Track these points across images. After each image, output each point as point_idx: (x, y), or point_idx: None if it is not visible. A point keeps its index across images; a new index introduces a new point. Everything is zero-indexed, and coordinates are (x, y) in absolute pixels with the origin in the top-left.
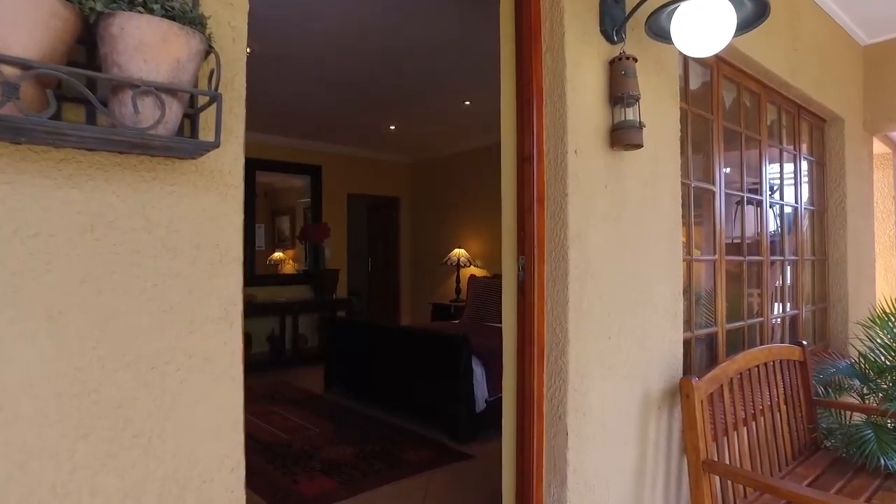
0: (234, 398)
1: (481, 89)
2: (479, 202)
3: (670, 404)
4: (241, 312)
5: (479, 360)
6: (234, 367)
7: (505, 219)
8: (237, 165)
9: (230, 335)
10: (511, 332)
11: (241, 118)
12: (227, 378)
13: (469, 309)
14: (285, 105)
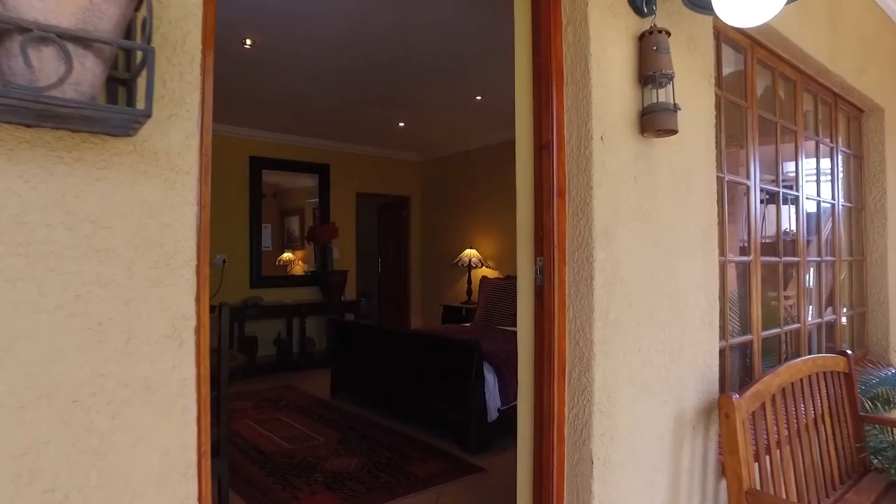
0: (184, 437)
1: (493, 83)
2: (492, 201)
3: (706, 424)
4: (198, 328)
5: (491, 366)
6: (185, 397)
7: (520, 215)
8: (190, 146)
9: (180, 357)
10: (527, 344)
11: (194, 86)
12: (175, 411)
13: (481, 311)
14: (290, 101)
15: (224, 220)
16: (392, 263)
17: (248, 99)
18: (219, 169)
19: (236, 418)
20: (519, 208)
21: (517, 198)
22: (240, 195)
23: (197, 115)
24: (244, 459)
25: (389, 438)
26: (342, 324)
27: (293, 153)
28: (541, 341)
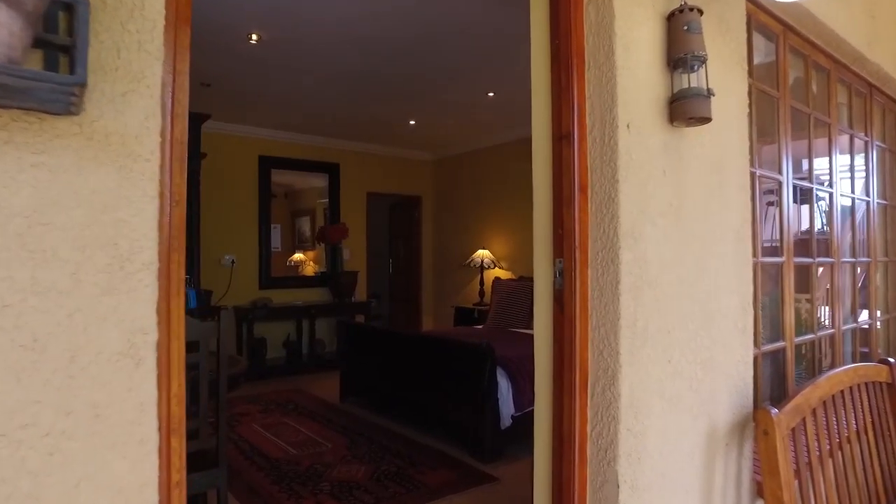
0: (142, 472)
1: (506, 79)
2: (505, 201)
3: (739, 440)
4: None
5: (504, 371)
6: (145, 426)
7: (537, 213)
8: (150, 129)
9: (137, 377)
10: (545, 354)
11: (156, 59)
12: (130, 442)
13: (493, 313)
14: (299, 99)
15: (233, 220)
16: (403, 264)
17: (257, 97)
18: (227, 168)
19: (243, 422)
20: (536, 205)
21: (534, 194)
22: (249, 195)
23: (159, 92)
24: (249, 466)
25: (399, 445)
26: (352, 326)
27: (303, 152)
28: (560, 351)
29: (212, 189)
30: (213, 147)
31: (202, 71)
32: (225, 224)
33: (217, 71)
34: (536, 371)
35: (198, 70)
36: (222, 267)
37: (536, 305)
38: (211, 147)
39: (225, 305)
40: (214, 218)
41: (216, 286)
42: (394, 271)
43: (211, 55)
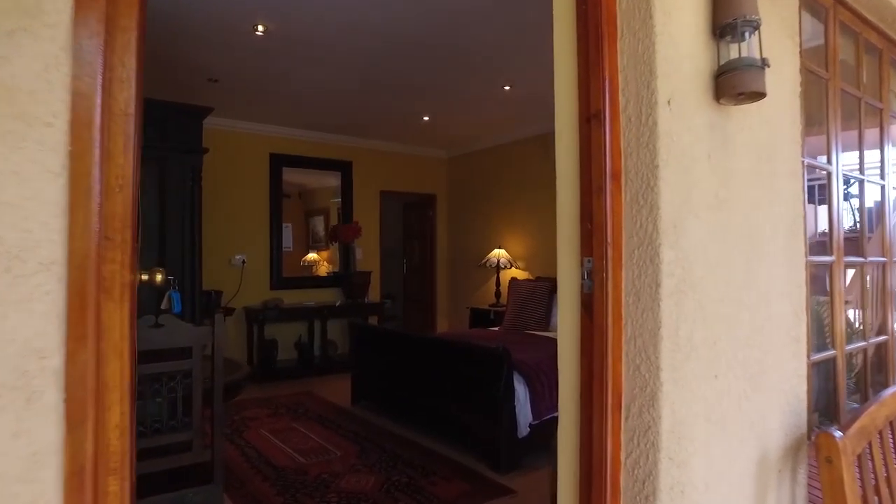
0: None
1: (522, 72)
2: (521, 199)
3: (793, 465)
4: (73, 368)
5: (521, 376)
6: (40, 483)
7: (562, 205)
8: (53, 83)
9: (27, 418)
10: (571, 367)
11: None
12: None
13: (510, 315)
14: (309, 94)
15: (244, 219)
16: (417, 264)
17: (266, 92)
18: (238, 166)
19: (251, 427)
20: (560, 196)
21: (557, 183)
22: (260, 194)
23: (67, 36)
24: (254, 475)
25: (411, 453)
26: (363, 327)
27: (315, 150)
28: (589, 365)
29: (222, 187)
30: (223, 145)
31: (208, 66)
32: (235, 223)
33: (224, 66)
34: (560, 388)
35: (204, 65)
36: (232, 267)
37: (561, 311)
38: (221, 145)
39: (232, 307)
40: (225, 217)
41: (226, 287)
42: (408, 271)
43: (216, 49)
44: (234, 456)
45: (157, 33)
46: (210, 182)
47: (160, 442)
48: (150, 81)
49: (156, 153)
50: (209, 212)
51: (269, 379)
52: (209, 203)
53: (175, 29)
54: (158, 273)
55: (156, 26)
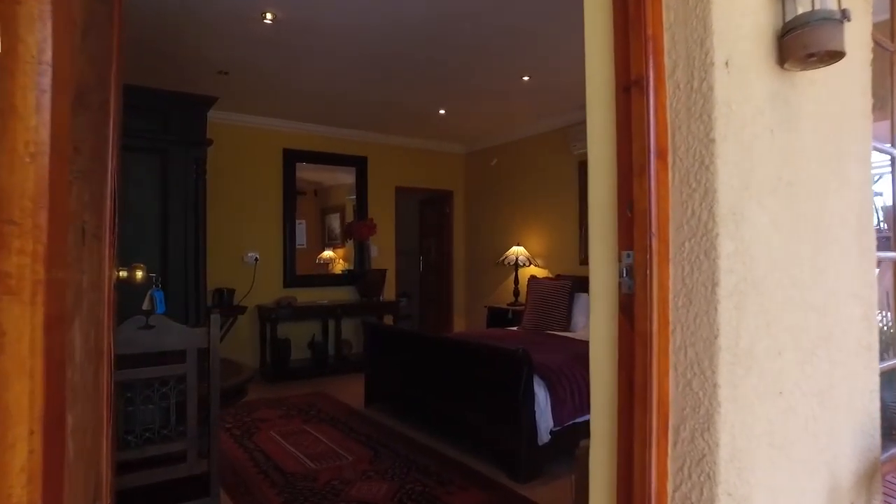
0: None
1: (542, 61)
2: (541, 195)
3: (867, 496)
4: None
5: (542, 380)
6: None
7: (595, 189)
8: None
9: None
10: (605, 381)
11: None
12: None
13: (529, 314)
14: (321, 87)
15: (257, 216)
16: (434, 262)
17: (278, 85)
18: (250, 162)
19: (262, 429)
20: (592, 180)
21: (590, 164)
22: (273, 190)
23: None
24: (262, 480)
25: (426, 459)
26: (376, 327)
27: (329, 145)
28: (629, 379)
29: (234, 183)
30: (235, 140)
31: (218, 58)
32: (248, 220)
33: (233, 57)
34: (592, 405)
35: (213, 57)
36: (245, 265)
37: (593, 316)
38: (233, 140)
39: (244, 305)
40: (237, 213)
41: (239, 285)
42: (424, 269)
43: (225, 40)
44: (242, 459)
45: (164, 24)
46: (222, 178)
47: (151, 452)
48: (158, 76)
49: (157, 145)
50: (221, 208)
51: (281, 379)
52: (221, 199)
53: (181, 18)
54: (139, 270)
55: (162, 18)
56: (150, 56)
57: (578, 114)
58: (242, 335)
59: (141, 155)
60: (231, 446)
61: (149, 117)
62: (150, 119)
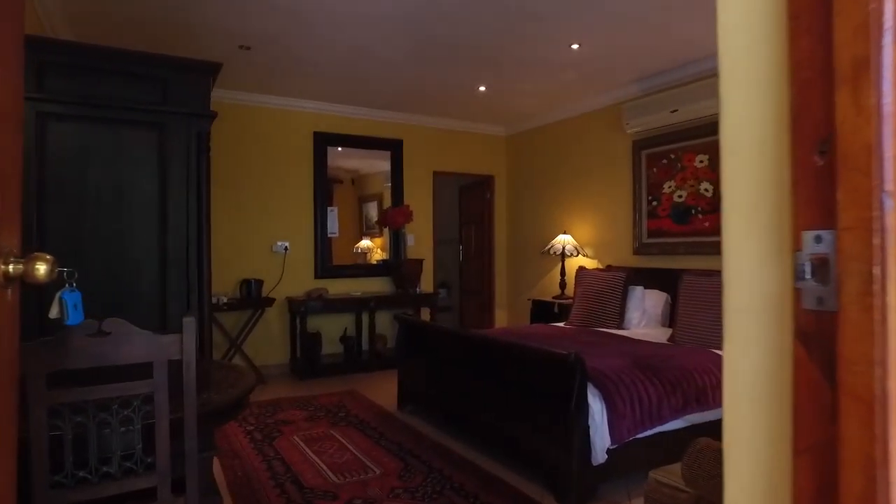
0: None
1: (594, 25)
2: (590, 179)
3: None
4: None
5: (598, 389)
6: None
7: (731, 126)
8: None
9: None
10: (757, 480)
11: None
12: None
13: (577, 309)
14: (352, 64)
15: (287, 203)
16: (474, 251)
17: (305, 62)
18: (279, 146)
19: (284, 433)
20: (727, 106)
21: (721, 77)
22: (303, 176)
23: None
24: (277, 496)
25: (462, 475)
26: (410, 322)
27: (362, 128)
28: (819, 480)
29: (261, 169)
30: (261, 123)
31: (238, 31)
32: (278, 207)
33: (255, 30)
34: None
35: (233, 30)
36: (275, 254)
37: (730, 342)
38: (259, 123)
39: (273, 297)
40: (266, 201)
41: (268, 276)
42: (464, 259)
43: (246, 7)
44: (258, 469)
45: None
46: (248, 163)
47: (109, 491)
48: (173, 52)
49: (154, 118)
50: (249, 195)
51: (311, 375)
52: (248, 186)
53: None
54: (40, 262)
55: None
56: (163, 28)
57: (634, 87)
58: (271, 329)
59: (136, 130)
60: (249, 452)
61: (144, 86)
62: (145, 88)
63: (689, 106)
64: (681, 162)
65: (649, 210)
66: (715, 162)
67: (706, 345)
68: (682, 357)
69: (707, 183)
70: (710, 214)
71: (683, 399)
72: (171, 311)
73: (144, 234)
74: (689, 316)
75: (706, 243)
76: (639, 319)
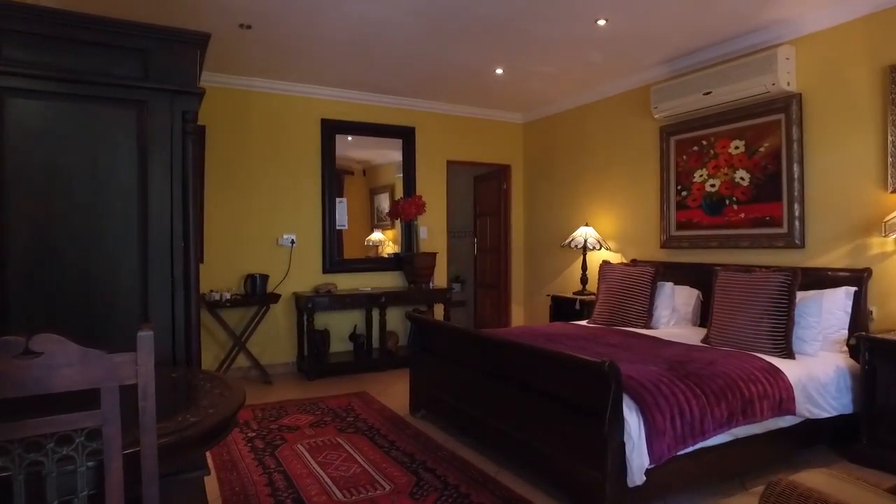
0: None
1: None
2: (614, 168)
3: None
4: None
5: (634, 401)
6: None
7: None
8: None
9: None
10: None
11: None
12: None
13: (602, 306)
14: (362, 45)
15: (293, 194)
16: (490, 244)
17: (310, 43)
18: (284, 134)
19: (288, 441)
20: None
21: None
22: (311, 166)
23: None
24: None
25: (481, 493)
26: (422, 321)
27: (372, 115)
28: None
29: (265, 158)
30: (266, 109)
31: (237, 7)
32: (284, 199)
33: (256, 6)
34: None
35: (232, 5)
36: (280, 248)
37: None
38: (265, 109)
39: (278, 293)
40: (271, 192)
41: (274, 270)
42: (479, 252)
43: None
44: (257, 484)
45: None
46: (252, 154)
47: None
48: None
49: (133, 95)
50: (253, 186)
51: (319, 375)
52: (253, 176)
53: None
54: None
55: None
56: (157, 4)
57: (663, 68)
58: (277, 326)
59: (112, 108)
60: (249, 462)
61: (121, 59)
62: (123, 61)
63: (725, 87)
64: (713, 148)
65: (678, 201)
66: (753, 148)
67: (743, 347)
68: (724, 362)
69: (743, 171)
70: (747, 205)
71: (728, 411)
72: (154, 313)
73: (122, 228)
74: (726, 315)
75: (742, 236)
76: (668, 318)
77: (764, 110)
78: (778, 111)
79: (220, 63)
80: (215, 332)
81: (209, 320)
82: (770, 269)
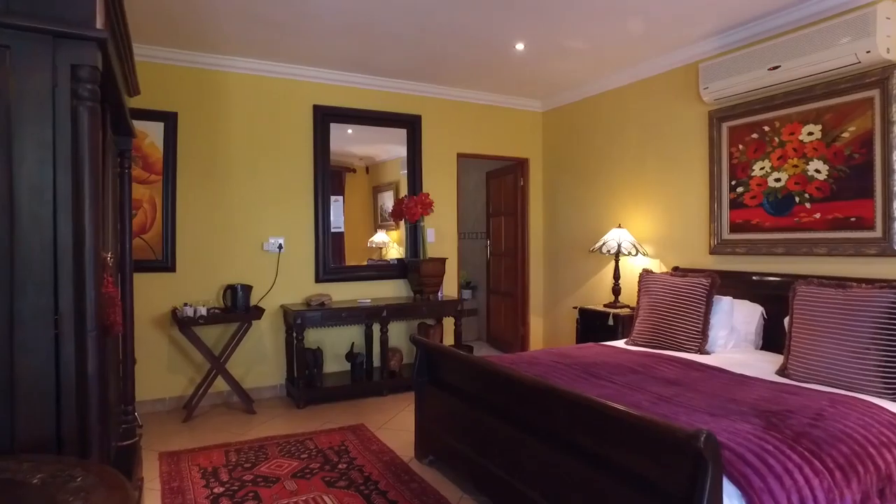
0: None
1: None
2: (652, 161)
3: None
4: None
5: (735, 485)
6: None
7: None
8: None
9: None
10: None
11: None
12: None
13: (643, 324)
14: (360, 17)
15: (281, 192)
16: (505, 248)
17: (303, 15)
18: (270, 123)
19: (264, 499)
20: None
21: None
22: (302, 158)
23: None
24: None
25: None
26: (429, 347)
27: (372, 101)
28: None
29: (252, 150)
30: (249, 94)
31: None
32: (270, 197)
33: None
34: None
35: None
36: (266, 254)
37: None
38: (247, 94)
39: (262, 307)
40: (255, 189)
41: (258, 280)
42: (492, 257)
43: None
44: None
45: None
46: (233, 146)
47: None
48: None
49: None
50: (233, 183)
51: (311, 401)
52: (232, 171)
53: None
54: None
55: None
56: None
57: (713, 42)
58: (262, 345)
59: None
60: None
61: None
62: None
63: (799, 59)
64: (779, 136)
65: (732, 198)
66: (833, 133)
67: (839, 385)
68: (836, 415)
69: (819, 162)
70: (824, 203)
71: (862, 492)
72: (24, 367)
73: None
74: (811, 342)
75: (817, 241)
76: (725, 340)
77: (850, 86)
78: (870, 86)
79: (191, 39)
80: (190, 352)
81: (182, 339)
82: (873, 284)
